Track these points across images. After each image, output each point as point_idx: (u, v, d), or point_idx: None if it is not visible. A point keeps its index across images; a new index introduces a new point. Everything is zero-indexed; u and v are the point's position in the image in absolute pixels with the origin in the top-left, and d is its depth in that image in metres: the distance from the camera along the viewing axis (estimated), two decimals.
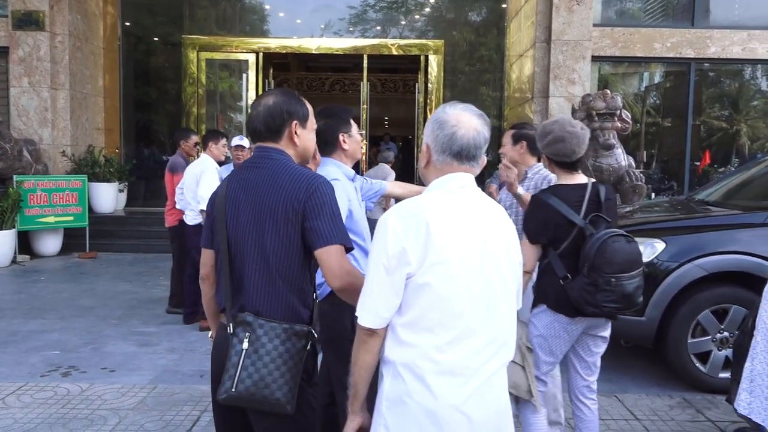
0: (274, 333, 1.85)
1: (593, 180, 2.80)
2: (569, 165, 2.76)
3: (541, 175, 3.37)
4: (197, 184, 5.28)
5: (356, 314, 1.68)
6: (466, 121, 1.71)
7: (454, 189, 1.70)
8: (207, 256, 2.06)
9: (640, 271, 2.61)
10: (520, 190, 3.19)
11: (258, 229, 1.89)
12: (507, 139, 3.42)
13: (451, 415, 1.61)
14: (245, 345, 1.84)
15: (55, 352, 4.80)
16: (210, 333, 2.21)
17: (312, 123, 2.09)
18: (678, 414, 3.78)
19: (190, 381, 4.21)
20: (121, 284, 7.23)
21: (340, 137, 2.66)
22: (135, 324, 5.58)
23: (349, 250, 1.92)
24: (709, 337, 4.13)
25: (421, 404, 1.61)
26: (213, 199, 2.03)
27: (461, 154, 1.70)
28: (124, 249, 9.42)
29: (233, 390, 1.83)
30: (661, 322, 4.13)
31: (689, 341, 4.13)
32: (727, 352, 4.07)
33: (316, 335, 1.93)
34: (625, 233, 2.61)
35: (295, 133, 2.01)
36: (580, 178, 2.78)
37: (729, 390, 3.16)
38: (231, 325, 1.89)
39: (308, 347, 1.90)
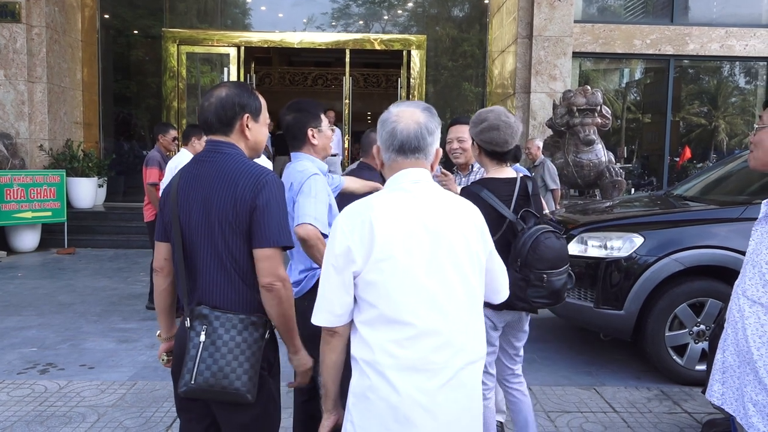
0: (230, 324, 1.86)
1: (522, 175, 2.81)
2: (500, 155, 2.71)
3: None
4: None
5: (312, 316, 1.70)
6: (408, 115, 1.71)
7: (407, 186, 1.70)
8: (161, 250, 2.05)
9: (567, 267, 2.66)
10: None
11: (209, 224, 1.89)
12: (466, 134, 3.29)
13: (414, 411, 1.60)
14: (202, 337, 1.85)
15: (33, 349, 4.73)
16: (158, 332, 2.19)
17: (265, 117, 2.08)
18: (656, 406, 3.83)
19: (170, 377, 4.10)
20: (100, 280, 7.15)
21: (309, 132, 2.63)
22: (114, 320, 5.53)
23: (287, 248, 1.92)
24: (686, 330, 4.19)
25: (384, 399, 1.61)
26: (166, 194, 2.03)
27: (403, 148, 1.70)
28: (103, 244, 9.32)
29: (192, 382, 1.84)
30: (639, 316, 4.18)
31: (667, 334, 4.18)
32: (704, 344, 4.13)
33: (275, 324, 1.94)
34: (554, 230, 2.64)
35: (247, 126, 2.00)
36: (509, 172, 2.76)
37: (705, 382, 3.22)
38: (188, 318, 1.90)
39: (266, 336, 1.92)
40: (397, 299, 1.61)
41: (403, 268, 1.61)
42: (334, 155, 9.90)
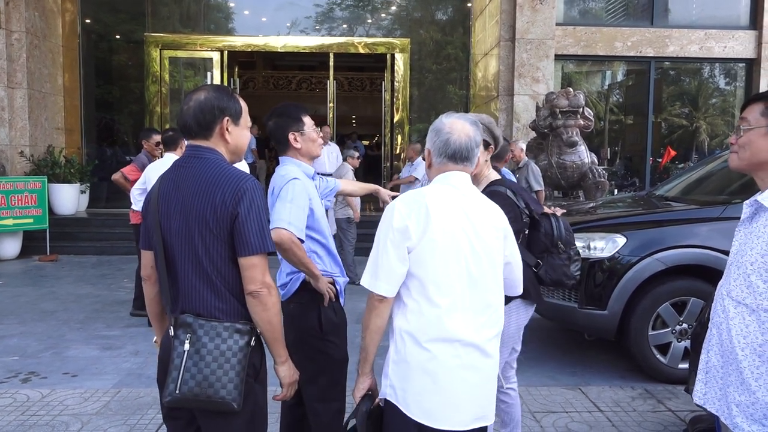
0: (215, 332, 1.84)
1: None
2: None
3: None
4: None
5: (367, 285, 1.90)
6: (459, 128, 1.98)
7: (454, 183, 1.97)
8: (147, 258, 2.03)
9: None
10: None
11: (189, 231, 1.87)
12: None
13: (448, 377, 1.85)
14: (186, 346, 1.83)
15: (14, 357, 4.67)
16: (155, 338, 2.17)
17: (245, 120, 2.05)
18: (640, 405, 3.86)
19: (154, 384, 4.10)
20: (83, 287, 7.08)
21: (290, 136, 2.64)
22: (98, 327, 5.47)
23: (271, 254, 1.92)
24: (669, 329, 4.24)
25: (421, 366, 1.85)
26: (147, 201, 2.01)
27: (455, 156, 1.98)
28: (86, 251, 9.23)
29: (177, 392, 1.82)
30: (623, 316, 4.21)
31: (650, 333, 4.23)
32: (686, 343, 4.18)
33: (259, 331, 1.93)
34: None
35: (227, 130, 1.97)
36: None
37: (688, 380, 3.26)
38: (172, 327, 1.89)
39: (252, 343, 1.90)
40: (441, 276, 1.86)
41: (450, 249, 1.87)
42: (328, 175, 9.75)
